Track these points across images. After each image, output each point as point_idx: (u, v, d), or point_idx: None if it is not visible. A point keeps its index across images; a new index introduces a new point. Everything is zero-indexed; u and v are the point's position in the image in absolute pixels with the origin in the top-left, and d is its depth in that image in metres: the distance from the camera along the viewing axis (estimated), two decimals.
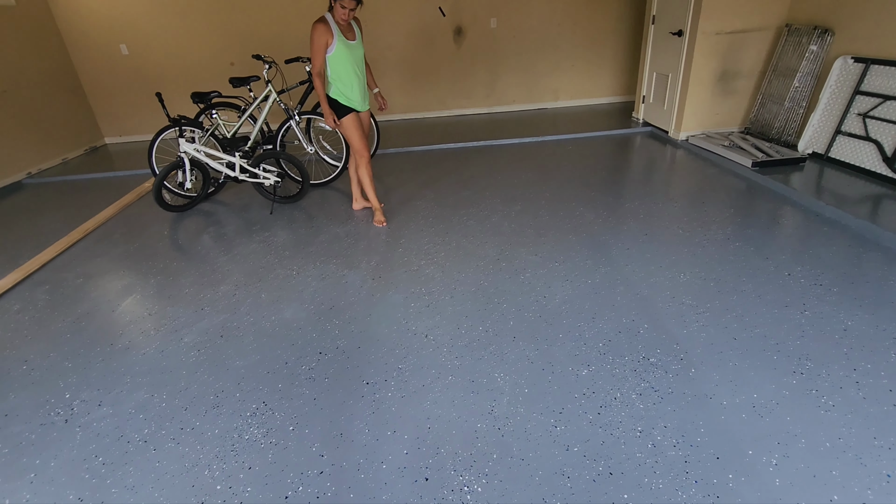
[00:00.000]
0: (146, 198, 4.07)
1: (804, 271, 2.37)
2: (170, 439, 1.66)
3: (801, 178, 3.45)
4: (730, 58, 4.22)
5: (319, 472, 1.50)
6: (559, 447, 1.53)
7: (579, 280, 2.43)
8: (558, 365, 1.88)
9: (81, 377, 2.00)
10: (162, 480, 1.51)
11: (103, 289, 2.69)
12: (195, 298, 2.52)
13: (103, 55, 5.70)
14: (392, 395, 1.79)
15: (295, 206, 3.67)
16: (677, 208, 3.17)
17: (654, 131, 4.96)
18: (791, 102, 3.92)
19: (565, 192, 3.55)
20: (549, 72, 6.13)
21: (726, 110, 4.47)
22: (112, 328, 2.32)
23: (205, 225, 3.44)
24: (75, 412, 1.82)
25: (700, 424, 1.57)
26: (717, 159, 3.98)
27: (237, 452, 1.59)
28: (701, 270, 2.44)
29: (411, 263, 2.71)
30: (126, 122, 6.08)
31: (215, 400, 1.82)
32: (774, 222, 2.90)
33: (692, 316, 2.10)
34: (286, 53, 5.59)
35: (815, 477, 1.38)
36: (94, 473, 1.55)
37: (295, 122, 3.73)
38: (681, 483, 1.39)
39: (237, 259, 2.90)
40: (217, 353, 2.08)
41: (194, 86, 5.77)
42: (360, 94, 2.99)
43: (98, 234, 3.43)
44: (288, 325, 2.24)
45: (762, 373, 1.77)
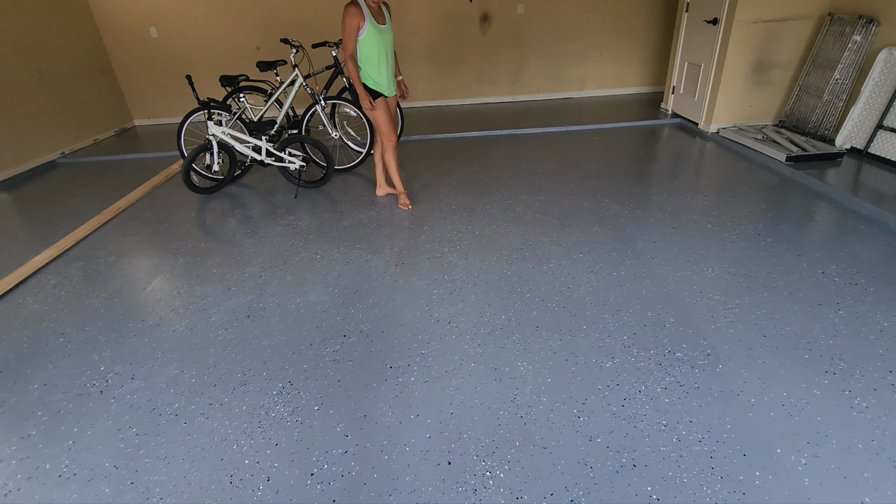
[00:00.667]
0: (174, 179, 4.15)
1: (839, 270, 2.30)
2: (199, 414, 1.71)
3: (837, 173, 3.33)
4: (767, 47, 4.08)
5: (344, 451, 1.53)
6: (582, 437, 1.53)
7: (604, 272, 2.41)
8: (582, 356, 1.87)
9: (115, 351, 2.07)
10: (193, 453, 1.56)
11: (134, 267, 2.76)
12: (222, 279, 2.57)
13: (133, 38, 5.79)
14: (415, 379, 1.81)
15: (319, 190, 3.70)
16: (706, 202, 3.10)
17: (684, 123, 4.84)
18: (830, 95, 3.77)
19: (590, 183, 3.50)
20: (576, 60, 6.01)
21: (760, 102, 4.33)
22: (143, 305, 2.39)
23: (231, 207, 3.49)
24: (110, 384, 1.88)
25: (727, 421, 1.55)
26: (749, 153, 3.87)
27: (264, 429, 1.63)
28: (730, 266, 2.39)
29: (434, 250, 2.71)
30: (155, 105, 6.19)
31: (243, 378, 1.87)
32: (808, 219, 2.82)
33: (720, 311, 2.06)
34: (313, 38, 5.59)
35: (847, 478, 1.35)
36: (128, 443, 1.61)
37: (320, 107, 3.74)
38: (706, 478, 1.38)
39: (263, 241, 2.95)
40: (244, 333, 2.13)
41: (221, 69, 5.82)
42: (388, 79, 2.99)
43: (129, 213, 3.52)
44: (313, 308, 2.27)
45: (793, 371, 1.73)
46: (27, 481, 1.50)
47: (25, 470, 1.54)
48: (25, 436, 1.67)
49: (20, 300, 2.50)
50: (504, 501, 1.35)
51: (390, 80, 3.03)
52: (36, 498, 1.45)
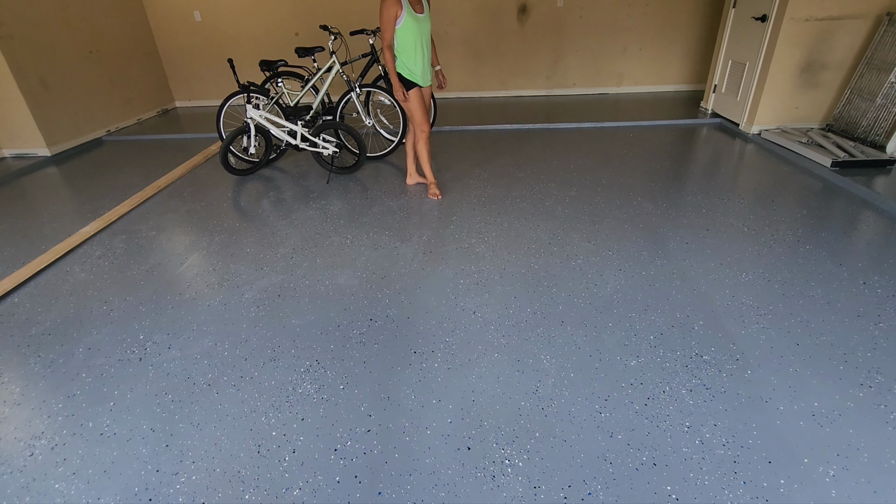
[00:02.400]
0: (213, 160, 4.28)
1: (882, 281, 2.21)
2: (231, 385, 1.78)
3: (887, 181, 3.18)
4: (818, 47, 3.90)
5: (367, 430, 1.58)
6: (603, 433, 1.53)
7: (633, 270, 2.38)
8: (606, 353, 1.86)
9: (154, 321, 2.17)
10: (224, 421, 1.63)
11: (173, 242, 2.87)
12: (256, 258, 2.65)
13: (178, 21, 5.96)
14: (438, 365, 1.84)
15: (350, 177, 3.75)
16: (743, 205, 3.01)
17: (724, 123, 4.69)
18: (884, 100, 3.59)
19: (623, 181, 3.44)
20: (615, 55, 5.89)
21: (807, 104, 4.16)
22: (181, 279, 2.49)
23: (265, 190, 3.58)
24: (148, 352, 1.98)
25: (753, 427, 1.53)
26: (792, 156, 3.73)
27: (291, 404, 1.69)
28: (765, 271, 2.32)
29: (462, 241, 2.73)
30: (195, 87, 6.37)
31: (272, 354, 1.93)
32: (852, 227, 2.71)
33: (752, 317, 2.02)
34: (352, 25, 5.64)
35: (877, 493, 1.31)
36: (164, 408, 1.70)
37: (356, 95, 3.78)
38: (728, 482, 1.36)
39: (295, 224, 3.02)
40: (275, 311, 2.20)
41: (261, 54, 5.95)
42: (424, 69, 3.00)
43: (169, 191, 3.65)
44: (341, 290, 2.32)
45: (826, 381, 1.68)
46: (72, 437, 1.60)
47: (71, 426, 1.64)
48: (71, 395, 1.78)
49: (68, 269, 2.63)
50: (522, 490, 1.37)
51: (426, 69, 3.03)
52: (80, 452, 1.54)
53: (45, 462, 1.52)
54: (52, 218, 3.26)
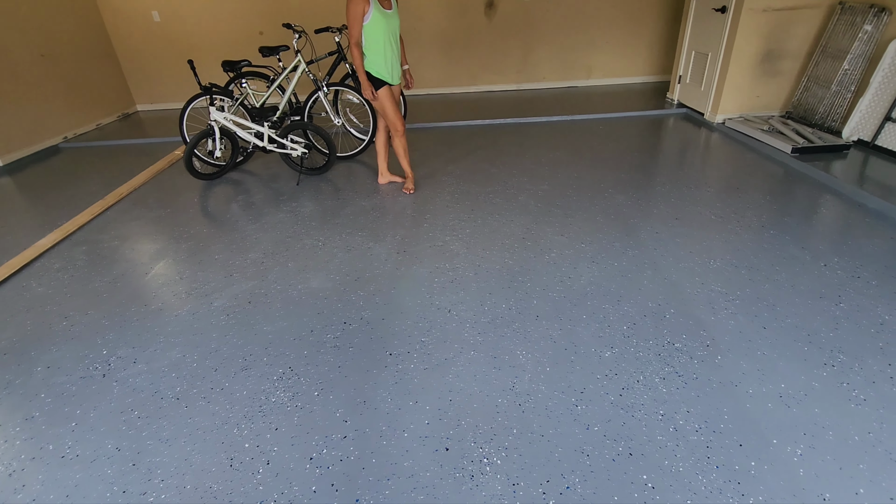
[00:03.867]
0: (177, 165, 4.15)
1: (842, 263, 2.29)
2: (201, 398, 1.73)
3: (843, 166, 3.30)
4: (776, 37, 4.01)
5: (343, 436, 1.55)
6: (580, 426, 1.54)
7: (606, 262, 2.40)
8: (581, 345, 1.87)
9: (118, 334, 2.08)
10: (194, 436, 1.58)
11: (137, 251, 2.77)
12: (225, 264, 2.58)
13: (135, 21, 5.74)
14: (415, 366, 1.82)
15: (321, 177, 3.69)
16: (710, 193, 3.08)
17: (689, 113, 4.79)
18: (839, 86, 3.72)
19: (595, 173, 3.48)
20: (583, 48, 5.94)
21: (768, 93, 4.28)
22: (146, 289, 2.40)
23: (234, 193, 3.49)
24: (112, 367, 1.90)
25: (724, 411, 1.56)
26: (755, 144, 3.84)
27: (264, 414, 1.65)
28: (733, 257, 2.38)
29: (436, 239, 2.71)
30: (157, 89, 6.16)
31: (244, 363, 1.88)
32: (813, 211, 2.80)
33: (721, 303, 2.06)
34: (316, 23, 5.54)
35: (842, 469, 1.36)
36: (130, 425, 1.63)
37: (323, 94, 3.72)
38: (702, 467, 1.39)
39: (265, 228, 2.95)
40: (246, 318, 2.14)
41: (224, 54, 5.79)
42: (393, 66, 2.95)
43: (132, 198, 3.52)
44: (314, 295, 2.28)
45: (792, 363, 1.73)
46: (31, 461, 1.53)
47: (30, 450, 1.57)
48: (29, 417, 1.69)
49: (24, 284, 2.51)
50: (501, 488, 1.36)
51: (396, 67, 2.99)
52: (40, 478, 1.47)
53: (2, 490, 1.44)
54: (6, 231, 3.11)
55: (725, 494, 1.31)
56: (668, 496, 1.32)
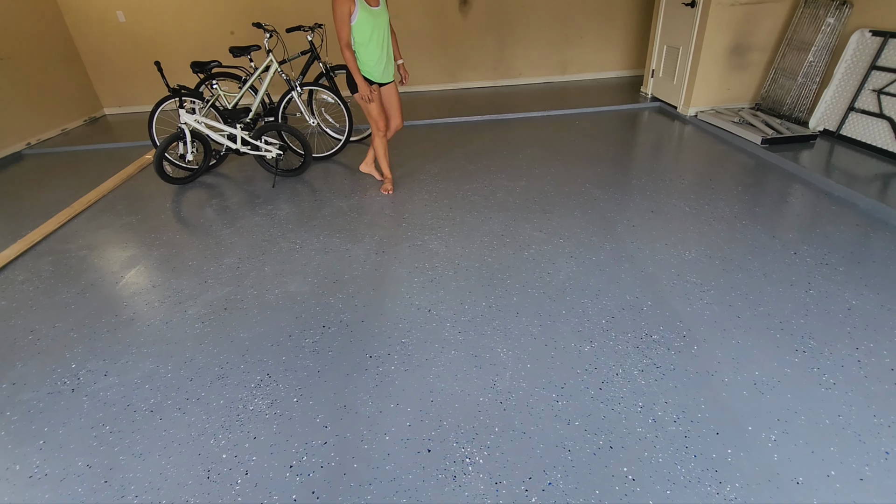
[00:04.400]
0: (148, 169, 4.04)
1: (811, 250, 2.35)
2: (176, 409, 1.69)
3: (811, 155, 3.39)
4: (744, 30, 4.09)
5: (323, 442, 1.53)
6: (560, 421, 1.55)
7: (584, 256, 2.42)
8: (561, 341, 1.88)
9: (87, 347, 2.02)
10: (169, 448, 1.54)
11: (107, 260, 2.69)
12: (199, 271, 2.52)
13: (99, 22, 5.57)
14: (395, 368, 1.80)
15: (297, 179, 3.63)
16: (684, 185, 3.13)
17: (663, 107, 4.86)
18: (804, 78, 3.82)
19: (571, 168, 3.50)
20: (557, 44, 5.98)
21: (738, 85, 4.36)
22: (116, 299, 2.33)
23: (207, 197, 3.42)
24: (82, 381, 1.84)
25: (701, 401, 1.58)
26: (727, 136, 3.91)
27: (242, 422, 1.61)
28: (707, 248, 2.42)
29: (415, 238, 2.69)
30: (125, 92, 5.99)
31: (220, 371, 1.84)
32: (783, 200, 2.87)
33: (697, 294, 2.10)
34: (287, 22, 5.45)
35: (814, 453, 1.39)
36: (102, 441, 1.58)
37: (297, 94, 3.66)
38: (680, 457, 1.41)
39: (240, 232, 2.89)
40: (222, 326, 2.09)
41: (194, 55, 5.65)
42: (383, 65, 2.88)
43: (100, 205, 3.42)
44: (292, 299, 2.24)
45: (765, 351, 1.77)
46: None
47: None
48: None
49: None
50: (483, 487, 1.36)
51: (387, 66, 2.92)
52: (6, 499, 1.41)
53: None
54: None
55: (703, 483, 1.33)
56: (649, 487, 1.33)
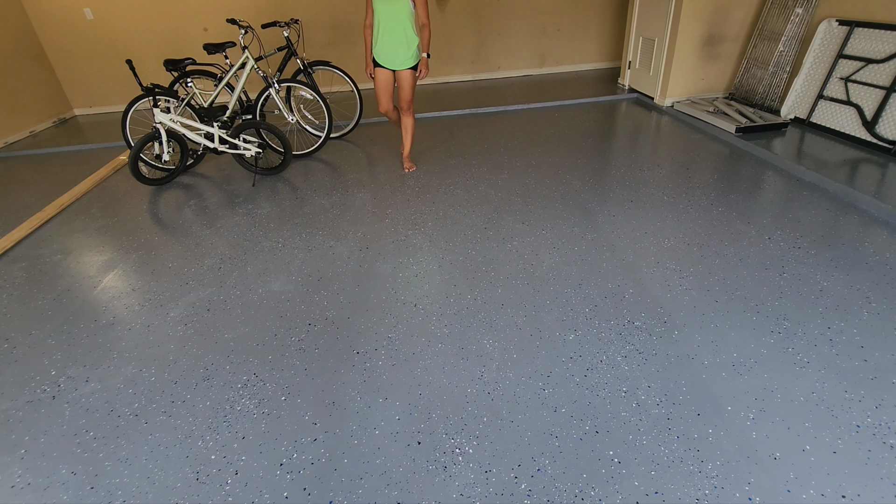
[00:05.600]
0: (123, 171, 3.94)
1: (784, 235, 2.42)
2: (161, 412, 1.67)
3: (782, 143, 3.48)
4: (716, 21, 4.17)
5: (313, 439, 1.53)
6: (547, 409, 1.57)
7: (566, 247, 2.45)
8: (546, 330, 1.91)
9: (66, 354, 1.98)
10: (156, 452, 1.52)
11: (83, 265, 2.63)
12: (179, 272, 2.48)
13: (66, 20, 5.39)
14: (383, 363, 1.81)
15: (278, 177, 3.59)
16: (662, 175, 3.18)
17: (640, 97, 4.93)
18: (775, 67, 3.91)
19: (552, 160, 3.53)
20: (535, 37, 6.00)
21: (712, 76, 4.45)
22: (95, 304, 2.28)
23: (185, 198, 3.36)
24: (62, 388, 1.80)
25: (682, 384, 1.63)
26: (702, 125, 3.99)
27: (230, 423, 1.61)
28: (685, 235, 2.47)
29: (399, 233, 2.69)
30: (96, 92, 5.83)
31: (205, 373, 1.82)
32: (757, 187, 2.94)
33: (676, 280, 2.15)
34: (263, 18, 5.36)
35: (790, 429, 1.45)
36: (85, 448, 1.56)
37: (274, 91, 3.61)
38: (664, 439, 1.45)
39: (221, 232, 2.85)
40: (205, 327, 2.07)
41: (167, 53, 5.52)
42: (387, 50, 3.07)
43: (74, 209, 3.33)
44: (276, 298, 2.23)
45: (742, 333, 1.82)
46: None
47: None
48: None
49: None
50: (473, 476, 1.38)
51: (395, 52, 3.07)
52: None
53: None
54: None
55: (686, 462, 1.37)
56: (634, 468, 1.37)
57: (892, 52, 3.10)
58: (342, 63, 5.49)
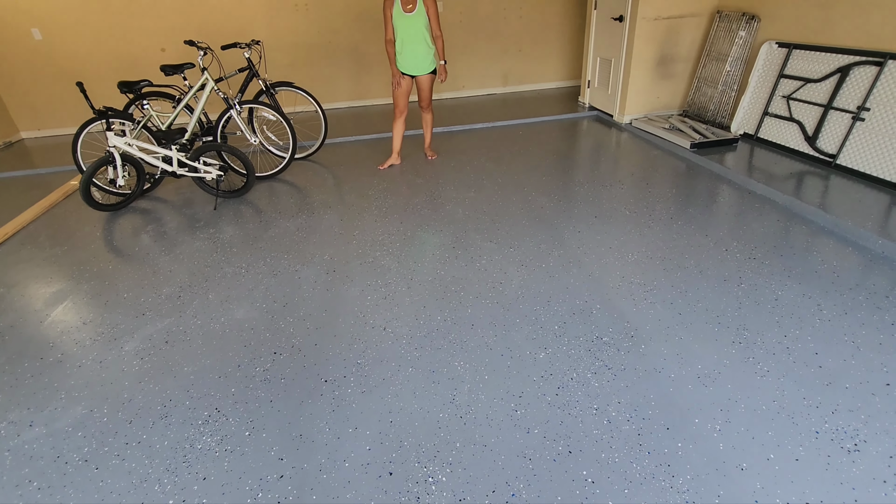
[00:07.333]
0: (73, 197, 3.76)
1: (739, 246, 2.52)
2: (114, 456, 1.56)
3: (734, 157, 3.65)
4: (668, 43, 4.38)
5: (280, 476, 1.46)
6: (520, 430, 1.56)
7: (534, 264, 2.48)
8: (517, 349, 1.91)
9: (7, 396, 1.84)
10: (107, 500, 1.42)
11: (29, 298, 2.47)
12: (135, 303, 2.36)
13: (11, 40, 5.16)
14: (352, 391, 1.76)
15: (240, 200, 3.51)
16: (624, 190, 3.28)
17: (600, 115, 5.09)
18: (724, 86, 4.12)
19: (518, 177, 3.59)
20: (497, 56, 6.14)
21: (666, 94, 4.65)
22: (42, 340, 2.14)
23: (142, 224, 3.22)
24: (3, 435, 1.67)
25: (651, 398, 1.65)
26: (659, 141, 4.15)
27: (189, 463, 1.52)
28: (648, 249, 2.54)
29: (366, 255, 2.66)
30: (44, 115, 5.57)
31: (163, 410, 1.73)
32: (712, 200, 3.07)
33: (641, 294, 2.19)
34: (223, 39, 5.29)
35: (754, 438, 1.48)
36: (28, 499, 1.44)
37: (236, 112, 3.55)
38: (635, 455, 1.46)
39: (180, 259, 2.74)
40: (163, 360, 1.97)
41: (121, 74, 5.36)
42: (410, 59, 3.50)
43: (20, 237, 3.14)
44: (239, 326, 2.15)
45: (705, 344, 1.87)
46: None
47: None
48: None
49: None
50: None
51: (413, 60, 3.51)
52: None
53: None
54: None
55: (657, 478, 1.38)
56: (607, 488, 1.37)
57: (828, 72, 3.32)
58: (307, 84, 5.46)
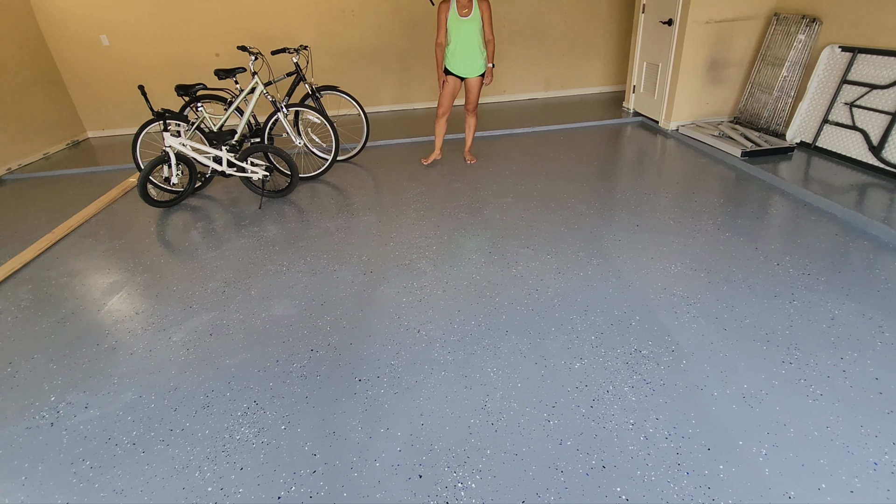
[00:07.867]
0: (131, 193, 3.99)
1: (793, 261, 2.38)
2: (159, 441, 1.64)
3: (789, 167, 3.47)
4: (720, 47, 4.21)
5: (312, 471, 1.50)
6: (552, 441, 1.53)
7: (571, 272, 2.43)
8: (551, 358, 1.88)
9: (67, 379, 1.97)
10: (151, 483, 1.49)
11: (88, 287, 2.64)
12: (184, 296, 2.48)
13: (83, 46, 5.55)
14: (385, 391, 1.78)
15: (284, 200, 3.62)
16: (668, 199, 3.17)
17: (645, 121, 4.95)
18: (780, 92, 3.93)
19: (556, 184, 3.54)
20: (539, 61, 6.09)
21: (716, 100, 4.47)
22: (98, 328, 2.28)
23: (192, 220, 3.38)
24: (61, 415, 1.79)
25: (691, 416, 1.59)
26: (707, 149, 3.99)
27: (228, 453, 1.58)
28: (692, 261, 2.45)
29: (403, 257, 2.69)
30: (109, 116, 5.95)
31: (205, 400, 1.80)
32: (764, 212, 2.92)
33: (683, 307, 2.11)
34: (273, 44, 5.49)
35: (804, 466, 1.40)
36: (81, 477, 1.53)
37: (283, 115, 3.67)
38: (673, 475, 1.40)
39: (226, 255, 2.86)
40: (207, 352, 2.06)
41: (178, 78, 5.65)
42: (462, 61, 3.59)
43: (82, 230, 3.36)
44: (279, 322, 2.21)
45: (752, 363, 1.78)
46: None
47: None
48: None
49: None
50: None
51: (466, 63, 3.60)
52: None
53: None
54: None
55: (696, 500, 1.32)
56: None
57: None
58: (351, 88, 5.59)
